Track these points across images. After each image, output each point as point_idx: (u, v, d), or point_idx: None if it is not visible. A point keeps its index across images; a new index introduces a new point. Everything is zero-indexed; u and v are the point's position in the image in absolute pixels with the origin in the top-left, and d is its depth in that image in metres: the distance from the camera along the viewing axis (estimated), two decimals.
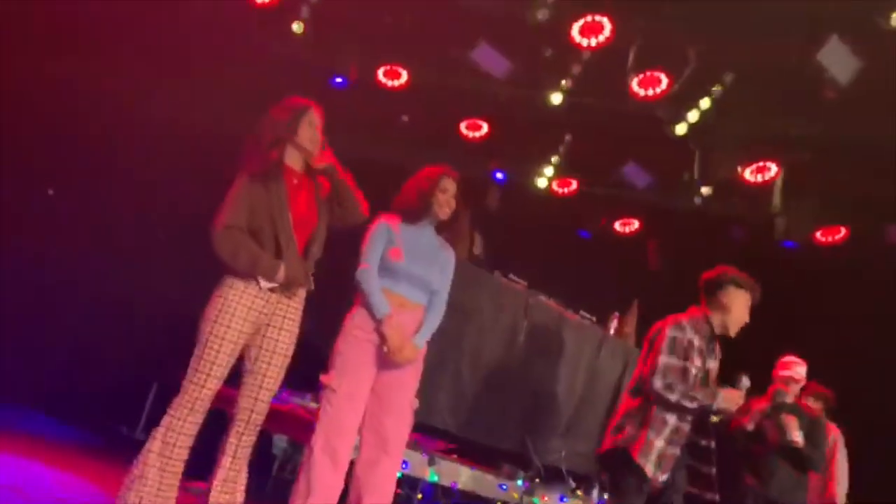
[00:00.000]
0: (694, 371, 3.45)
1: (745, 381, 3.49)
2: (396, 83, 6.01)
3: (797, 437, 4.31)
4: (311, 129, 3.20)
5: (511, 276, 5.00)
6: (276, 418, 4.29)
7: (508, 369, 4.74)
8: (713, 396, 3.40)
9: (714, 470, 3.45)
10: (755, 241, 6.68)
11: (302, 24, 5.34)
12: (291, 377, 3.31)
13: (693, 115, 5.51)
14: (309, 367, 3.36)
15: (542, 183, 6.98)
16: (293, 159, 3.21)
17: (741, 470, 4.49)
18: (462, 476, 4.32)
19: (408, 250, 3.32)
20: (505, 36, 5.37)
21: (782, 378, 4.50)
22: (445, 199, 3.40)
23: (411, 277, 3.31)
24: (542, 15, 4.74)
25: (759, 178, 6.01)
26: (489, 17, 5.25)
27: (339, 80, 5.97)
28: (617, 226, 7.50)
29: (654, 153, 6.24)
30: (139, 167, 5.52)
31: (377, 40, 5.68)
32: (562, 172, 6.89)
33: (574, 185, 7.10)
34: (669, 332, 3.48)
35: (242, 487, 3.13)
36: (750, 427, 4.49)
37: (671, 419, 3.42)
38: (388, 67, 5.93)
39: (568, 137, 6.63)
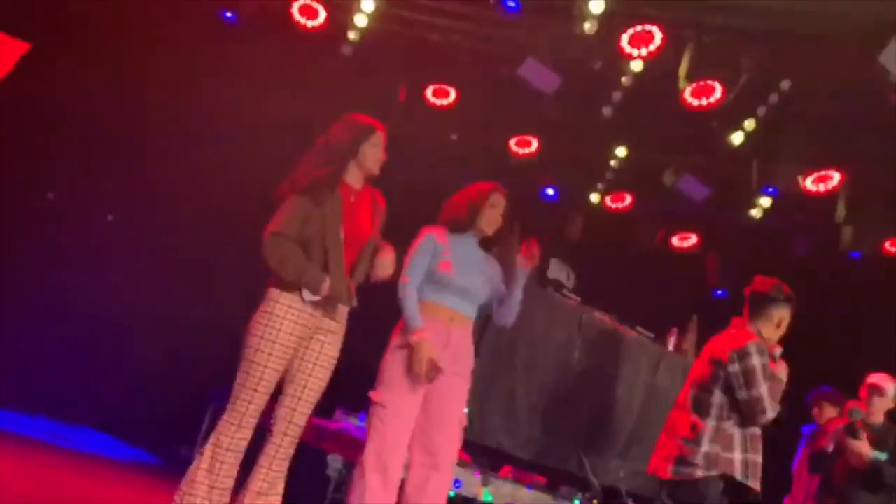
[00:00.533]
0: None
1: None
2: (445, 102, 6.02)
3: (869, 455, 4.12)
4: (374, 150, 3.22)
5: (565, 292, 4.91)
6: (329, 438, 4.30)
7: (563, 387, 4.64)
8: None
9: None
10: (820, 253, 6.45)
11: (351, 47, 5.39)
12: (345, 396, 3.31)
13: (749, 124, 5.36)
14: (362, 386, 3.35)
15: (595, 198, 6.88)
16: (353, 177, 3.22)
17: (825, 496, 4.32)
18: (518, 497, 4.23)
19: (456, 263, 3.30)
20: (553, 51, 5.32)
21: (865, 398, 4.33)
22: (493, 215, 3.38)
23: (460, 290, 3.29)
24: (589, 26, 4.68)
25: (822, 187, 5.79)
26: (536, 33, 5.22)
27: (387, 100, 6.00)
28: (674, 240, 7.33)
29: (711, 165, 6.09)
30: (196, 186, 5.64)
31: (425, 60, 5.70)
32: (615, 187, 6.79)
33: (628, 199, 6.99)
34: (758, 359, 3.39)
35: (278, 501, 3.10)
36: (830, 448, 4.32)
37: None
38: (437, 87, 5.95)
39: (620, 151, 6.52)
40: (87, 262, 5.66)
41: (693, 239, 7.27)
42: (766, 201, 6.21)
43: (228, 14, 5.30)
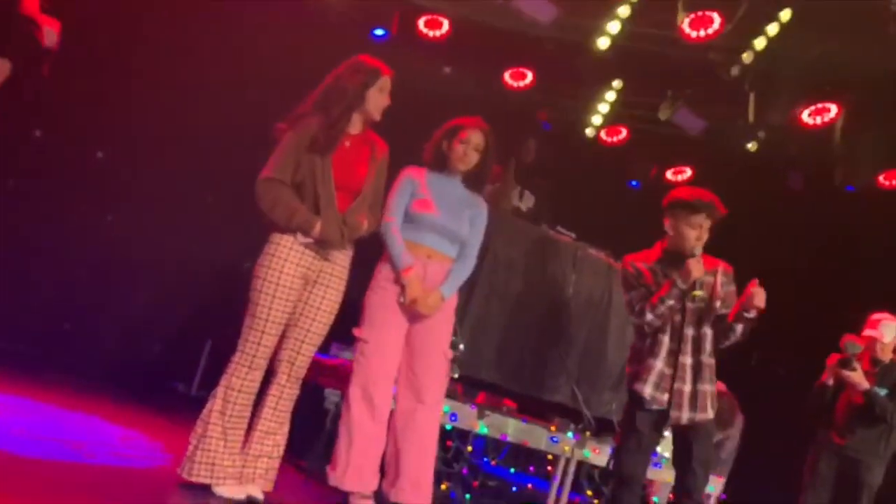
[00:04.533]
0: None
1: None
2: (438, 33, 5.90)
3: (863, 385, 4.21)
4: (380, 96, 3.19)
5: (559, 228, 4.91)
6: (326, 372, 4.36)
7: (557, 322, 4.68)
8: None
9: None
10: (814, 187, 6.44)
11: None
12: (342, 331, 3.35)
13: (747, 57, 5.27)
14: (357, 321, 3.38)
15: (590, 132, 6.82)
16: (352, 122, 3.18)
17: (828, 429, 4.42)
18: (512, 428, 4.32)
19: (436, 201, 3.30)
20: None
21: (867, 335, 4.38)
22: (464, 151, 3.35)
23: (438, 228, 3.31)
24: None
25: (818, 120, 5.75)
26: None
27: (379, 32, 5.88)
28: (669, 175, 7.30)
29: (707, 98, 6.01)
30: (185, 127, 5.55)
31: None
32: (610, 120, 6.71)
33: (623, 133, 6.93)
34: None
35: (283, 440, 3.19)
36: (830, 382, 4.40)
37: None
38: (430, 17, 5.81)
39: (616, 83, 6.43)
40: (79, 201, 5.61)
41: (688, 173, 7.24)
42: (761, 134, 6.15)
43: None
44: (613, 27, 5.35)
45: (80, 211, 5.59)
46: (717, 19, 4.96)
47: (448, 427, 4.09)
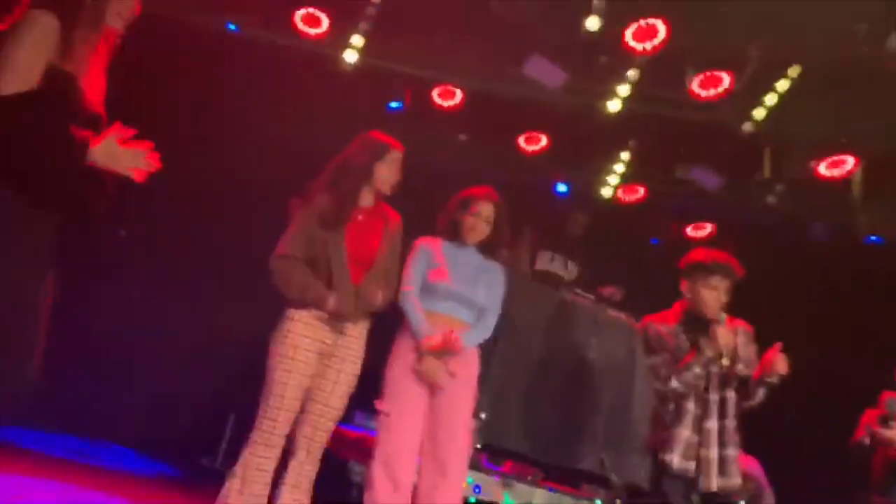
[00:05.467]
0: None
1: None
2: (451, 103, 6.00)
3: None
4: (390, 170, 3.25)
5: (578, 290, 4.90)
6: (349, 445, 4.33)
7: (580, 387, 4.63)
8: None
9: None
10: (837, 239, 6.37)
11: (355, 52, 5.38)
12: (367, 400, 3.35)
13: (759, 113, 5.30)
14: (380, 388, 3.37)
15: (607, 192, 6.83)
16: (363, 196, 3.24)
17: (867, 489, 4.29)
18: (539, 498, 4.23)
19: (450, 270, 3.31)
20: (557, 47, 5.29)
21: None
22: (474, 223, 3.38)
23: (454, 296, 3.31)
24: (592, 24, 4.64)
25: (836, 172, 5.73)
26: (540, 30, 5.18)
27: (394, 104, 6.00)
28: (689, 231, 7.26)
29: (722, 154, 6.03)
30: (204, 201, 5.65)
31: (430, 62, 5.68)
32: (627, 180, 6.74)
33: (641, 191, 6.93)
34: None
35: None
36: (867, 441, 4.29)
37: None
38: (443, 88, 5.93)
39: (631, 143, 6.48)
40: (105, 278, 5.70)
41: (708, 228, 7.20)
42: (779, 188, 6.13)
43: (232, 25, 5.31)
44: (623, 90, 5.41)
45: (104, 286, 5.67)
46: (725, 78, 5.01)
47: (472, 500, 4.02)
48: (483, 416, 3.99)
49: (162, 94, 5.23)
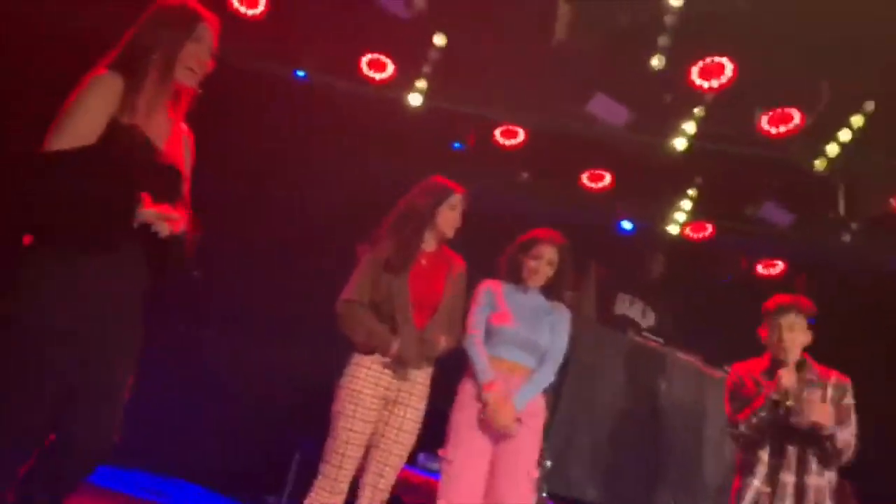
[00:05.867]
0: None
1: None
2: (514, 142, 6.01)
3: None
4: (452, 213, 3.26)
5: (645, 333, 4.80)
6: (412, 490, 4.30)
7: (650, 433, 4.52)
8: None
9: None
10: None
11: (419, 95, 5.45)
12: (427, 440, 3.34)
13: (832, 149, 5.15)
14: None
15: (673, 229, 6.71)
16: (427, 241, 3.26)
17: None
18: None
19: (513, 313, 3.27)
20: (621, 85, 5.26)
21: None
22: (536, 267, 3.34)
23: (517, 340, 3.27)
24: (658, 62, 4.60)
25: None
26: (603, 68, 5.17)
27: (457, 145, 6.04)
28: (760, 269, 7.07)
29: (793, 191, 5.87)
30: (273, 244, 5.76)
31: (492, 102, 5.71)
32: (694, 217, 6.60)
33: (709, 229, 6.79)
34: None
35: None
36: None
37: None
38: (505, 127, 5.94)
39: (699, 180, 6.36)
40: (173, 316, 5.84)
41: (780, 266, 6.99)
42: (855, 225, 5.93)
43: (300, 73, 5.45)
44: (689, 127, 5.33)
45: (174, 324, 5.81)
46: (796, 115, 4.89)
47: None
48: (548, 463, 3.91)
49: (232, 140, 5.38)
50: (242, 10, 4.93)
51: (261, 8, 4.94)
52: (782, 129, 4.97)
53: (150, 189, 2.23)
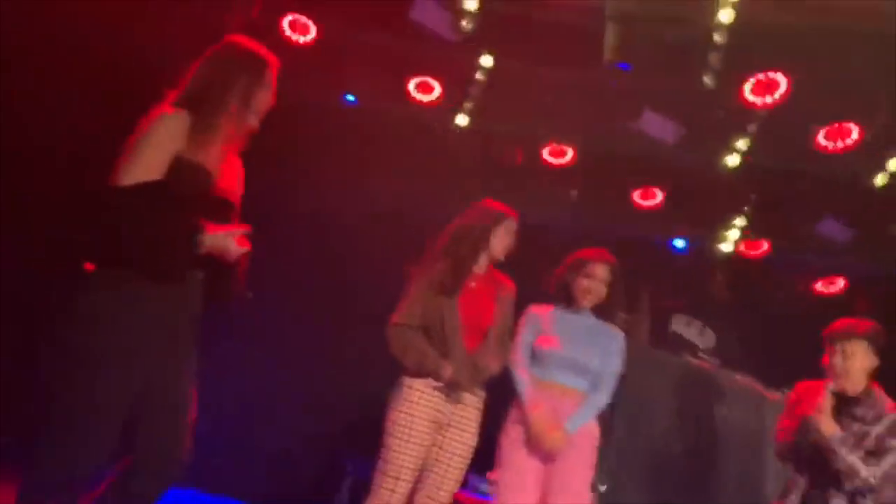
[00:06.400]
0: None
1: None
2: (563, 160, 5.98)
3: None
4: (505, 237, 3.26)
5: (701, 354, 4.70)
6: None
7: (707, 456, 4.41)
8: None
9: None
10: None
11: (466, 116, 5.47)
12: (481, 465, 3.32)
13: (893, 164, 5.00)
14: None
15: (727, 248, 6.57)
16: (479, 263, 3.26)
17: None
18: None
19: (560, 336, 3.24)
20: (671, 102, 5.20)
21: None
22: (588, 286, 3.29)
23: (565, 363, 3.24)
24: (709, 81, 4.53)
25: None
26: (653, 86, 5.11)
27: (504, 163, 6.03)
28: (819, 286, 6.87)
29: (852, 207, 5.70)
30: (326, 268, 5.83)
31: (540, 121, 5.69)
32: (749, 235, 6.46)
33: (765, 246, 6.63)
34: None
35: None
36: None
37: None
38: (553, 146, 5.92)
39: (753, 197, 6.23)
40: (226, 336, 5.92)
41: (840, 283, 6.78)
42: None
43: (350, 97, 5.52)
44: (742, 144, 5.24)
45: (226, 345, 5.89)
46: (854, 129, 4.76)
47: None
48: (602, 488, 3.85)
49: (285, 164, 5.47)
50: (294, 37, 5.03)
51: (312, 35, 5.03)
52: (840, 144, 4.84)
53: (209, 221, 2.32)
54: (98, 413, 2.18)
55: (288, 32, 5.02)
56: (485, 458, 3.35)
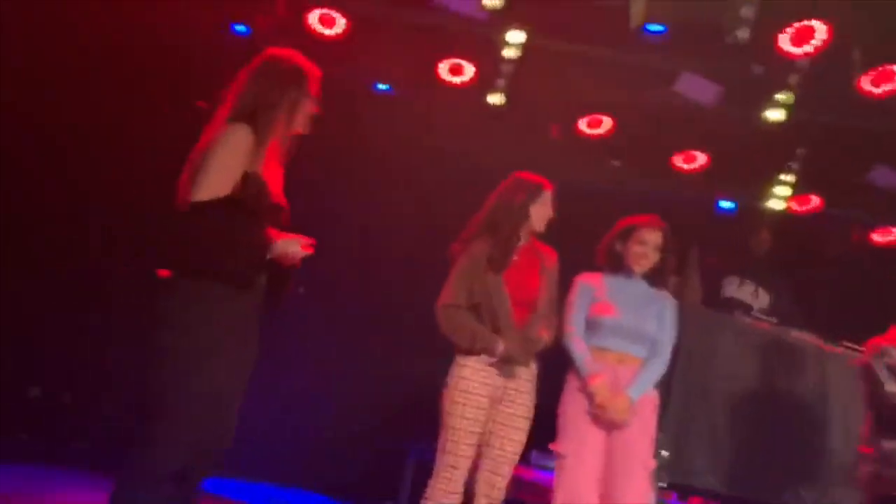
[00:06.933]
0: None
1: None
2: (601, 131, 5.92)
3: None
4: (543, 209, 3.26)
5: (755, 313, 4.63)
6: (526, 488, 4.29)
7: (770, 417, 4.34)
8: None
9: None
10: None
11: (501, 95, 5.45)
12: (541, 441, 3.34)
13: None
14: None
15: (777, 205, 6.44)
16: (520, 237, 3.26)
17: None
18: None
19: (616, 303, 3.22)
20: (706, 62, 5.11)
21: None
22: (641, 252, 3.27)
23: (622, 330, 3.22)
24: (742, 34, 4.43)
25: None
26: (686, 48, 5.03)
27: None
28: (875, 237, 6.69)
29: None
30: (372, 251, 5.89)
31: (575, 93, 5.64)
32: (798, 190, 6.32)
33: (816, 200, 6.48)
34: None
35: None
36: None
37: None
38: (590, 117, 5.86)
39: (800, 151, 6.08)
40: (285, 325, 6.04)
41: None
42: None
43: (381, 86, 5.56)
44: (785, 97, 5.11)
45: (286, 336, 6.00)
46: None
47: None
48: (665, 453, 3.83)
49: (322, 155, 5.54)
50: (321, 30, 5.07)
51: (340, 28, 5.06)
52: (886, 87, 4.69)
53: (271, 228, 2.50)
54: (211, 402, 2.39)
55: (316, 27, 5.06)
56: (544, 435, 3.36)
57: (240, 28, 5.12)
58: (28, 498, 4.18)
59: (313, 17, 5.05)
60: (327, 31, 5.09)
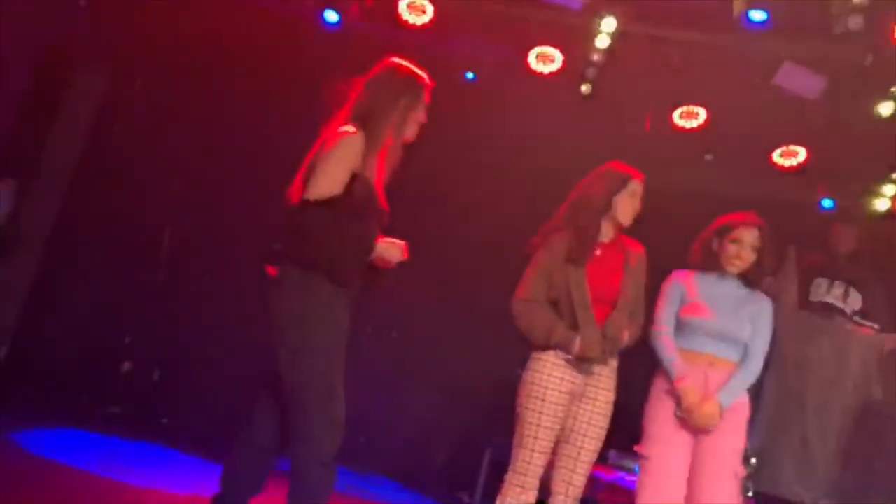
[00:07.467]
0: None
1: None
2: (695, 123, 5.72)
3: None
4: (630, 201, 3.15)
5: (856, 318, 4.38)
6: (604, 489, 4.21)
7: (864, 427, 4.12)
8: None
9: None
10: None
11: (590, 85, 5.32)
12: (618, 436, 3.25)
13: None
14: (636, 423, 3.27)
15: (882, 204, 6.07)
16: (604, 230, 3.17)
17: None
18: None
19: (709, 304, 3.09)
20: (810, 52, 4.85)
21: None
22: (737, 251, 3.13)
23: (715, 332, 3.10)
24: (854, 24, 4.17)
25: None
26: (788, 38, 4.78)
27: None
28: None
29: None
30: (457, 245, 5.87)
31: (669, 84, 5.46)
32: None
33: None
34: None
35: None
36: None
37: None
38: (685, 109, 5.66)
39: None
40: (365, 318, 6.10)
41: None
42: None
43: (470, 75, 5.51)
44: None
45: (367, 330, 6.07)
46: None
47: None
48: (753, 461, 3.68)
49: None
50: (411, 20, 5.06)
51: (429, 16, 5.04)
52: None
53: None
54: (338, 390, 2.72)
55: (406, 16, 5.06)
56: (623, 436, 3.28)
57: (331, 16, 5.15)
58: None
59: (402, 6, 5.05)
60: (416, 20, 5.07)
